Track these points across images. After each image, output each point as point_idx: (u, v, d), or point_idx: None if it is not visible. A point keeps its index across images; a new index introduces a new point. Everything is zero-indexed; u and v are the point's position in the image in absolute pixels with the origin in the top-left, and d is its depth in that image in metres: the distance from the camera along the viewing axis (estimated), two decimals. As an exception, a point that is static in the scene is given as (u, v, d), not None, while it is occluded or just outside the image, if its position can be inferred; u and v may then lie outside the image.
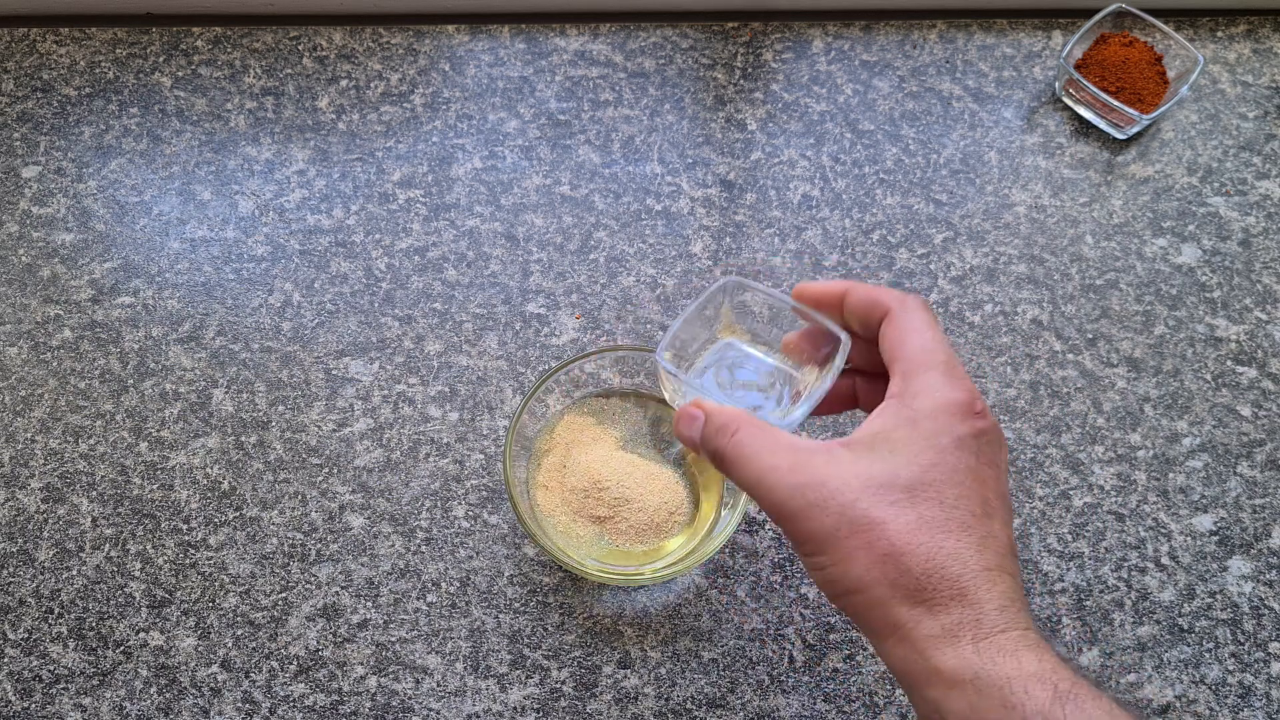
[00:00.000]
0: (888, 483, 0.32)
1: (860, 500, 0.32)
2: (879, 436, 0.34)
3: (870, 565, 0.32)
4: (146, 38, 0.64)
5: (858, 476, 0.33)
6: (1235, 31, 0.64)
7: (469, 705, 0.48)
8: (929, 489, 0.32)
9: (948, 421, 0.33)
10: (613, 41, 0.63)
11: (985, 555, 0.32)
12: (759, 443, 0.35)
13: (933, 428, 0.33)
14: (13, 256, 0.58)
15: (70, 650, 0.49)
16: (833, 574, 0.33)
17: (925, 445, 0.33)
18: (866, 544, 0.32)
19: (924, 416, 0.33)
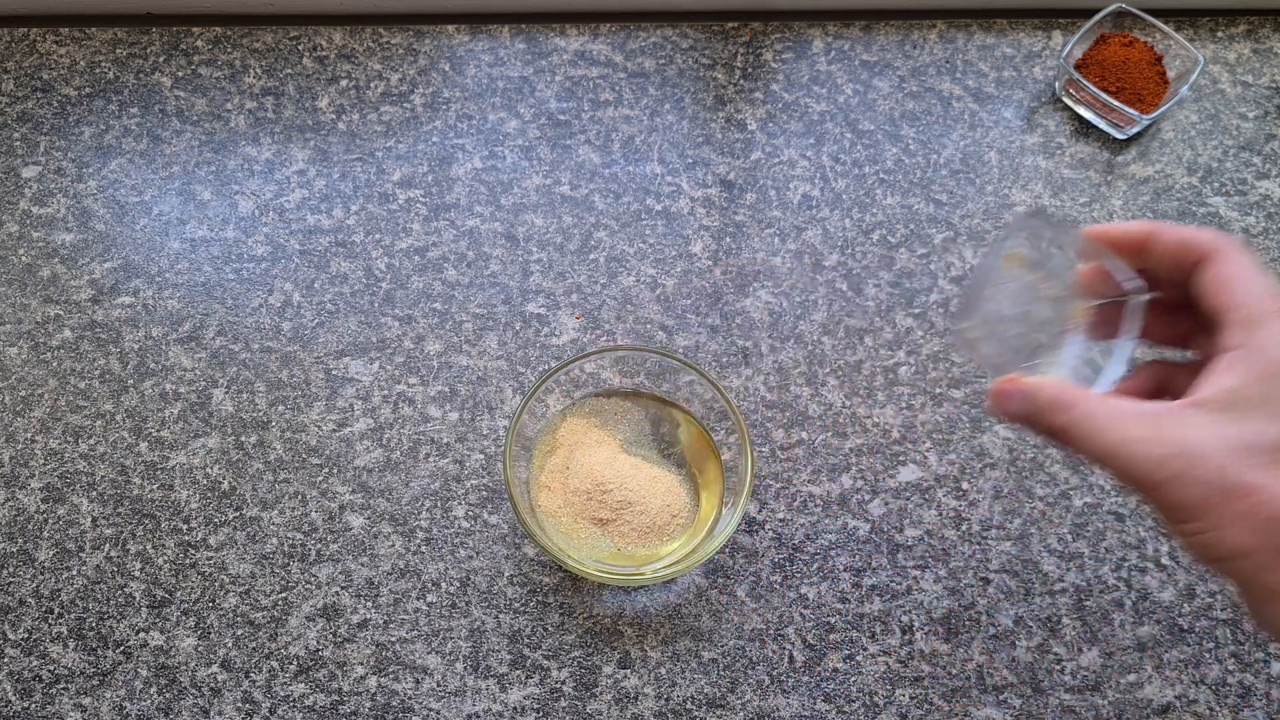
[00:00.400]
0: (1256, 445, 0.31)
1: (1229, 466, 0.31)
2: (1234, 394, 0.32)
3: (1251, 532, 0.31)
4: (146, 38, 0.64)
5: (1222, 440, 0.31)
6: (1235, 31, 0.64)
7: (469, 705, 0.48)
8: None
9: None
10: (613, 41, 0.63)
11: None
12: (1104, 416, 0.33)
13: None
14: (13, 256, 0.58)
15: (70, 650, 0.49)
16: (1208, 539, 0.31)
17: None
18: (1246, 510, 0.31)
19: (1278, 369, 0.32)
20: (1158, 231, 0.36)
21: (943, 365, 0.55)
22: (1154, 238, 0.37)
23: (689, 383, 0.50)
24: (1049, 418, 0.35)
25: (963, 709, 0.48)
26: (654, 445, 0.51)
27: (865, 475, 0.52)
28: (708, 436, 0.51)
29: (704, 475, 0.51)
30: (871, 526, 0.51)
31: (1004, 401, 0.36)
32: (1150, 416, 0.33)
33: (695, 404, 0.51)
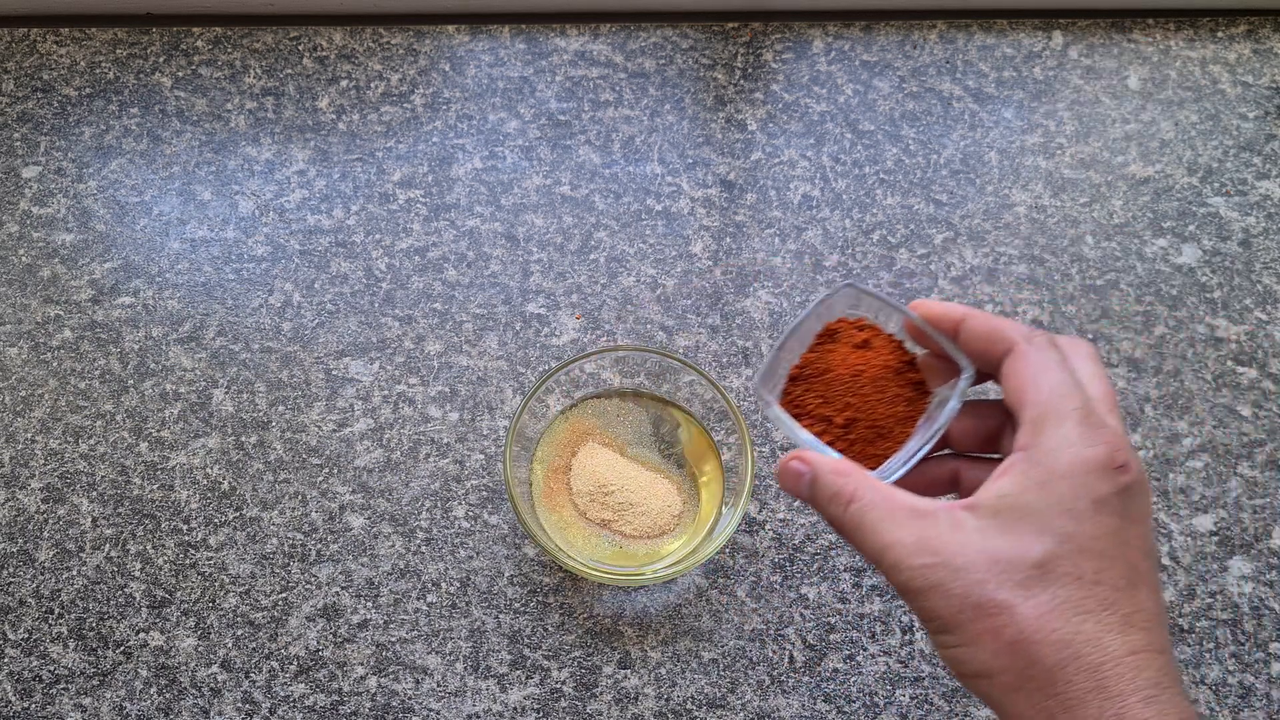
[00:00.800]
0: (1017, 559, 0.29)
1: (987, 581, 0.29)
2: (1006, 501, 0.30)
3: (997, 653, 0.29)
4: (146, 38, 0.64)
5: (983, 551, 0.30)
6: (1235, 31, 0.64)
7: (469, 705, 0.48)
8: (1064, 563, 0.29)
9: (1085, 481, 0.29)
10: (613, 42, 0.63)
11: (1130, 636, 0.29)
12: (878, 513, 0.32)
13: (1068, 490, 0.29)
14: (13, 256, 0.58)
15: (70, 650, 0.49)
16: (957, 655, 0.30)
17: (1059, 511, 0.29)
18: (993, 630, 0.29)
19: (1057, 477, 0.30)
20: (969, 318, 0.35)
21: (943, 365, 0.55)
22: (965, 324, 0.35)
23: (689, 383, 0.50)
24: (825, 509, 0.33)
25: (963, 709, 0.48)
26: (654, 445, 0.51)
27: (865, 475, 0.52)
28: (708, 436, 0.51)
29: (704, 475, 0.51)
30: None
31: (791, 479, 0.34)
32: (920, 518, 0.31)
33: (695, 404, 0.51)
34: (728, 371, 0.54)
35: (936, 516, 0.31)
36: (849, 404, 0.36)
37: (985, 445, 0.37)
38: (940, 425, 0.35)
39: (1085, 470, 0.30)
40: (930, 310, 0.35)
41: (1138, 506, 0.30)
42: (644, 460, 0.51)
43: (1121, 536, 0.30)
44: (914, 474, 0.36)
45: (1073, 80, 0.62)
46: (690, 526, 0.50)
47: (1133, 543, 0.30)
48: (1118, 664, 0.28)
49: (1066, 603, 0.29)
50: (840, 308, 0.38)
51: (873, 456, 0.36)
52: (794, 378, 0.38)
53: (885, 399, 0.36)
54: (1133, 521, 0.30)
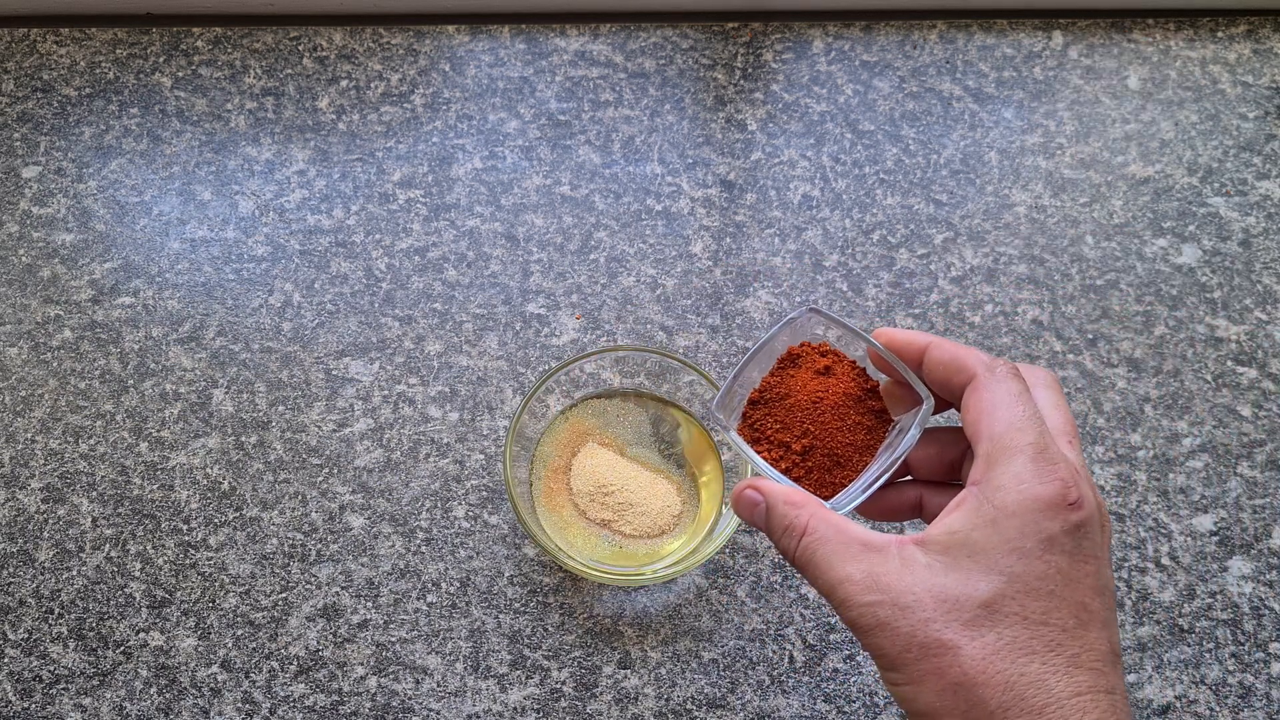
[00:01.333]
0: (964, 599, 0.29)
1: (933, 620, 0.29)
2: (956, 538, 0.30)
3: (940, 693, 0.29)
4: (146, 38, 0.64)
5: (930, 590, 0.29)
6: (1235, 31, 0.64)
7: (469, 705, 0.48)
8: (1011, 603, 0.29)
9: (1035, 520, 0.29)
10: (613, 42, 0.63)
11: (1076, 677, 0.28)
12: (829, 548, 0.31)
13: (1017, 529, 0.29)
14: (13, 256, 0.58)
15: (70, 650, 0.49)
16: (903, 693, 0.30)
17: (1007, 550, 0.29)
18: (937, 670, 0.29)
19: (1006, 515, 0.29)
20: (933, 346, 0.34)
21: (943, 365, 0.55)
22: (929, 352, 0.34)
23: (689, 383, 0.50)
24: (778, 541, 0.33)
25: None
26: (654, 445, 0.51)
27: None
28: (708, 437, 0.51)
29: (704, 475, 0.51)
30: (872, 525, 0.51)
31: (746, 507, 0.34)
32: (871, 553, 0.31)
33: (695, 404, 0.51)
34: (728, 372, 0.54)
35: (887, 552, 0.31)
36: (808, 430, 0.36)
37: (948, 473, 0.36)
38: (899, 454, 0.34)
39: (1035, 508, 0.29)
40: (893, 338, 0.35)
41: (1090, 543, 0.30)
42: (644, 460, 0.51)
43: (1071, 575, 0.29)
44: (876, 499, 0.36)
45: (1073, 80, 0.62)
46: (690, 526, 0.50)
47: (1084, 581, 0.29)
48: (1061, 706, 0.28)
49: (1012, 644, 0.28)
50: (802, 332, 0.37)
51: (829, 485, 0.36)
52: (754, 401, 0.37)
53: (845, 427, 0.36)
54: (1084, 559, 0.29)
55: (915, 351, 0.35)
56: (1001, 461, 0.30)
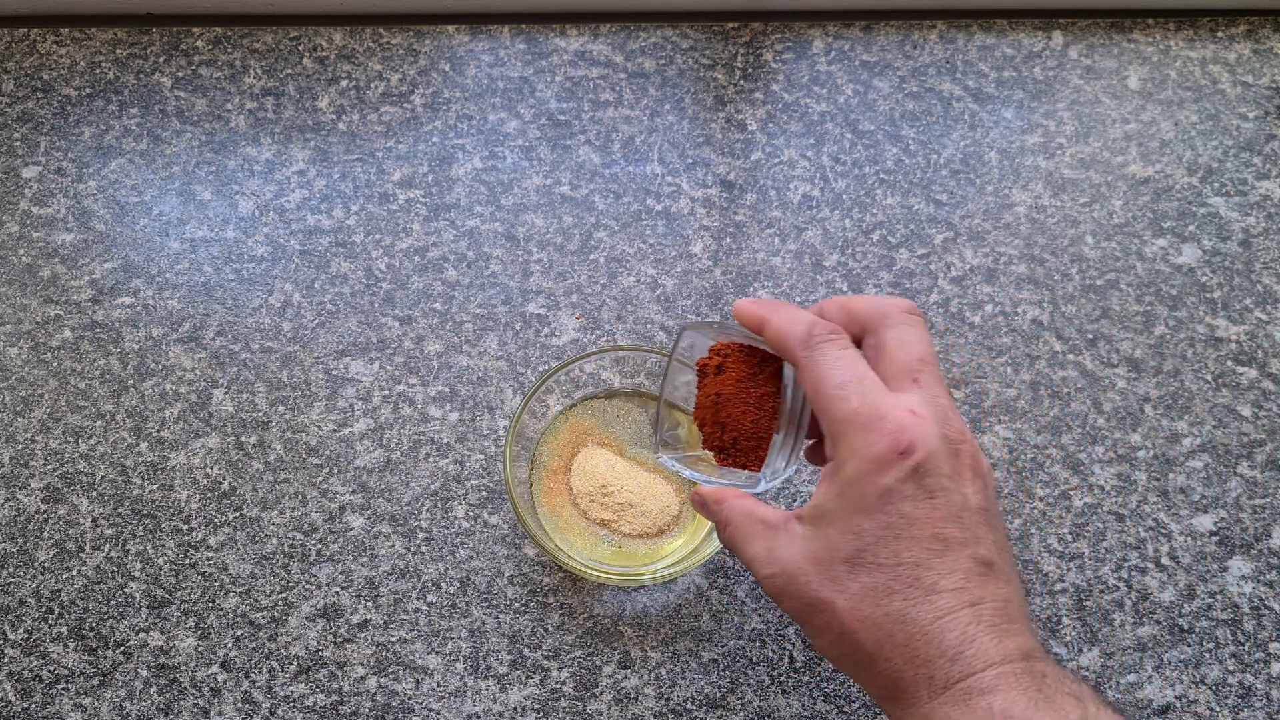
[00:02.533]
0: (830, 558, 0.33)
1: (812, 582, 0.33)
2: (818, 510, 0.34)
3: (833, 643, 0.33)
4: (146, 38, 0.64)
5: (806, 556, 0.34)
6: (1235, 31, 0.64)
7: (469, 705, 0.48)
8: (866, 555, 0.32)
9: (871, 480, 0.32)
10: (613, 42, 0.63)
11: (936, 601, 0.31)
12: (741, 532, 0.36)
13: (858, 492, 0.33)
14: (13, 256, 0.58)
15: (70, 650, 0.49)
16: (815, 646, 0.35)
17: (854, 510, 0.33)
18: (825, 624, 0.33)
19: (849, 483, 0.33)
20: (765, 327, 0.37)
21: (943, 365, 0.55)
22: (764, 333, 0.37)
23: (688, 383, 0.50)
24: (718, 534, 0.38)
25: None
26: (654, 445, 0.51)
27: (865, 475, 0.52)
28: (708, 437, 0.51)
29: (704, 475, 0.51)
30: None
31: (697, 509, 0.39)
32: (769, 531, 0.35)
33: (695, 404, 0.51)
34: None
35: (779, 528, 0.35)
36: (722, 424, 0.40)
37: None
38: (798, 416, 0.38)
39: (869, 470, 0.32)
40: (742, 313, 0.38)
41: (936, 478, 0.32)
42: (644, 460, 0.51)
43: (915, 516, 0.32)
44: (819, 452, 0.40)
45: (1073, 80, 0.62)
46: (690, 526, 0.50)
47: (935, 514, 0.32)
48: (924, 632, 0.31)
49: (874, 590, 0.32)
50: (689, 351, 0.41)
51: (757, 461, 0.40)
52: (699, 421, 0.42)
53: (750, 406, 0.39)
54: (930, 494, 0.32)
55: (757, 329, 0.38)
56: (839, 436, 0.33)
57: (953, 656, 0.31)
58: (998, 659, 0.31)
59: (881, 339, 0.35)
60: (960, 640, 0.31)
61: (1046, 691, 0.30)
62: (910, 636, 0.31)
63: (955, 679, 0.31)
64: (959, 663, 0.31)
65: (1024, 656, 0.31)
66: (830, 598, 0.33)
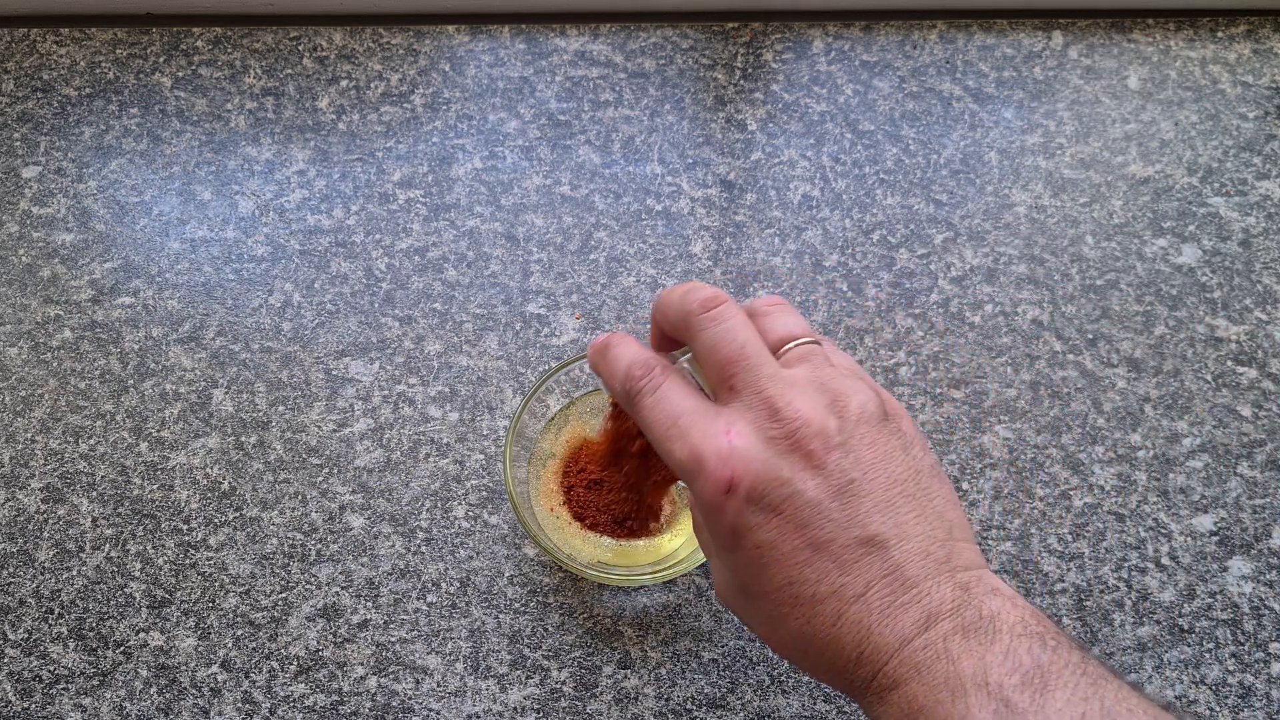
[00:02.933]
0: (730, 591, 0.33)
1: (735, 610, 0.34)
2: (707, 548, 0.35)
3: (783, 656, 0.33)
4: (146, 38, 0.64)
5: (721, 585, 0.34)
6: (1235, 31, 0.64)
7: (469, 705, 0.48)
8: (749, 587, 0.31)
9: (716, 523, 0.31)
10: (613, 42, 0.63)
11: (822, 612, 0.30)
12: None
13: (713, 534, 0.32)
14: (13, 256, 0.58)
15: (70, 650, 0.49)
16: None
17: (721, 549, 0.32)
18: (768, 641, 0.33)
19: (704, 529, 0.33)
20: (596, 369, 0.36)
21: (943, 365, 0.55)
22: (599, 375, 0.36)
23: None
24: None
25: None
26: (654, 445, 0.51)
27: (865, 475, 0.52)
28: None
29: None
30: (871, 527, 0.51)
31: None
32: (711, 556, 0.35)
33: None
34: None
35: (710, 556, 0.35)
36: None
37: None
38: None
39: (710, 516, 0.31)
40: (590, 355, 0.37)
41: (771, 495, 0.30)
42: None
43: (770, 539, 0.30)
44: None
45: (1073, 80, 0.62)
46: (690, 526, 0.50)
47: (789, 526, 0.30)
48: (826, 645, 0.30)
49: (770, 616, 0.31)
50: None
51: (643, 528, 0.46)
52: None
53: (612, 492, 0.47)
54: (777, 509, 0.30)
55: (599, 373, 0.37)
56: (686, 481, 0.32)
57: (856, 660, 0.29)
58: (895, 645, 0.29)
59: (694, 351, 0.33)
60: (856, 641, 0.29)
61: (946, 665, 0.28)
62: (818, 651, 0.30)
63: (867, 679, 0.29)
64: (863, 665, 0.29)
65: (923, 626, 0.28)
66: (750, 622, 0.33)
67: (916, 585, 0.29)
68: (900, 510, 0.30)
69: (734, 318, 0.32)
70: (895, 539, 0.29)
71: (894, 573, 0.29)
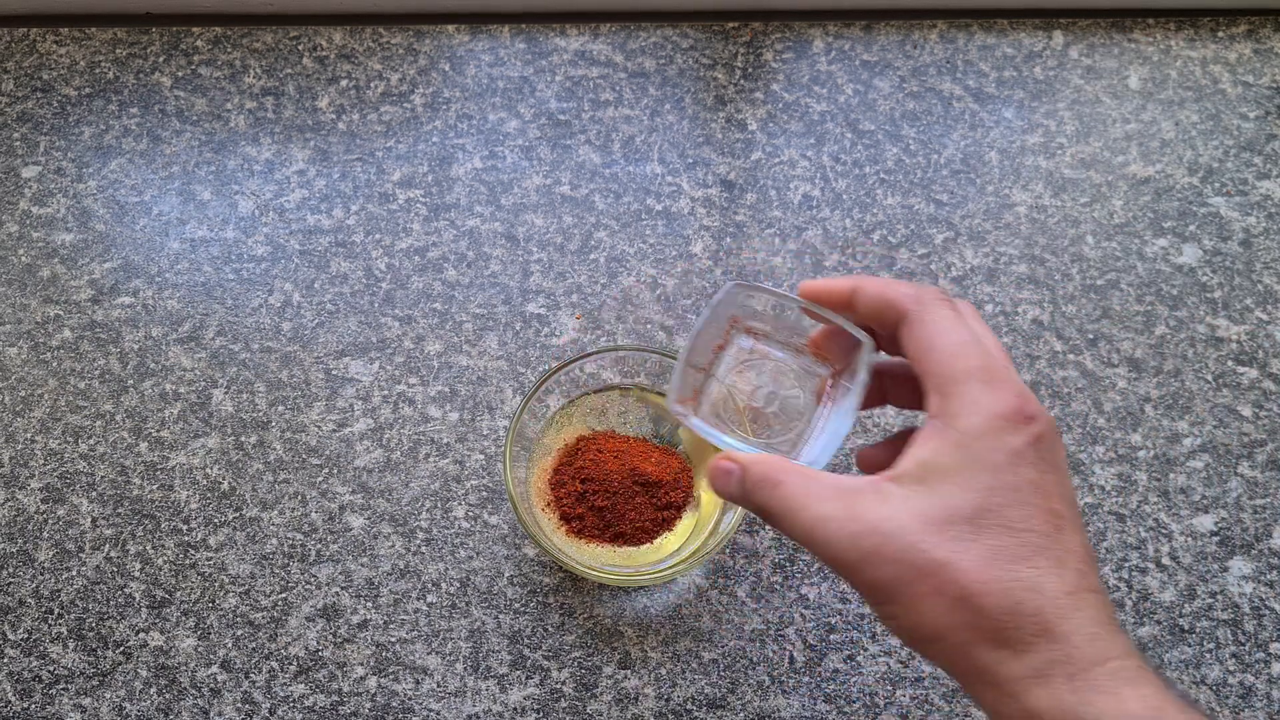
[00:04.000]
0: (947, 517, 0.30)
1: (921, 541, 0.30)
2: (928, 466, 0.31)
3: (944, 611, 0.29)
4: (146, 38, 0.64)
5: (914, 515, 0.30)
6: (1235, 31, 0.64)
7: (469, 706, 0.48)
8: (992, 515, 0.30)
9: (998, 437, 0.30)
10: (613, 41, 0.63)
11: (1065, 577, 0.29)
12: (806, 492, 0.32)
13: (984, 447, 0.30)
14: (13, 256, 0.58)
15: (70, 650, 0.49)
16: (906, 623, 0.30)
17: (979, 468, 0.30)
18: (935, 589, 0.29)
19: (972, 437, 0.30)
20: (859, 289, 0.35)
21: (943, 365, 0.55)
22: (857, 295, 0.35)
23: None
24: (754, 496, 0.34)
25: (963, 709, 0.48)
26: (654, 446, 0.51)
27: (865, 475, 0.52)
28: (708, 437, 0.51)
29: (704, 475, 0.51)
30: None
31: (720, 479, 0.35)
32: (847, 493, 0.31)
33: (695, 404, 0.51)
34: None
35: (862, 491, 0.32)
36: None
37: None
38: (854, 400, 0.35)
39: (997, 427, 0.30)
40: (817, 289, 0.36)
41: (1052, 455, 0.31)
42: (644, 460, 0.51)
43: (1040, 486, 0.30)
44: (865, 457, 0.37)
45: (1073, 80, 0.62)
46: (690, 526, 0.50)
47: (1052, 490, 0.30)
48: (1057, 605, 0.29)
49: (1000, 552, 0.29)
50: (732, 305, 0.39)
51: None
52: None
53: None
54: (1049, 469, 0.30)
55: (842, 297, 0.36)
56: (954, 389, 0.31)
57: (1090, 637, 0.28)
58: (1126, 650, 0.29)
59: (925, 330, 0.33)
60: (1095, 623, 0.29)
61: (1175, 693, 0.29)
62: (1040, 607, 0.29)
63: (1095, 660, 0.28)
64: (1097, 644, 0.28)
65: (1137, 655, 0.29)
66: (948, 558, 0.29)
67: None
68: None
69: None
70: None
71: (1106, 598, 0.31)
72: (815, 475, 0.33)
